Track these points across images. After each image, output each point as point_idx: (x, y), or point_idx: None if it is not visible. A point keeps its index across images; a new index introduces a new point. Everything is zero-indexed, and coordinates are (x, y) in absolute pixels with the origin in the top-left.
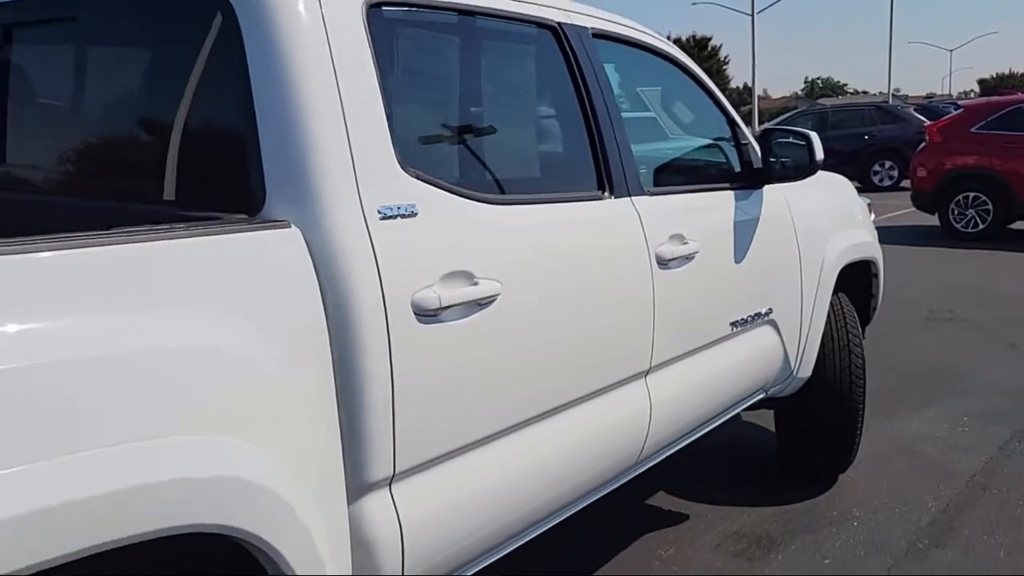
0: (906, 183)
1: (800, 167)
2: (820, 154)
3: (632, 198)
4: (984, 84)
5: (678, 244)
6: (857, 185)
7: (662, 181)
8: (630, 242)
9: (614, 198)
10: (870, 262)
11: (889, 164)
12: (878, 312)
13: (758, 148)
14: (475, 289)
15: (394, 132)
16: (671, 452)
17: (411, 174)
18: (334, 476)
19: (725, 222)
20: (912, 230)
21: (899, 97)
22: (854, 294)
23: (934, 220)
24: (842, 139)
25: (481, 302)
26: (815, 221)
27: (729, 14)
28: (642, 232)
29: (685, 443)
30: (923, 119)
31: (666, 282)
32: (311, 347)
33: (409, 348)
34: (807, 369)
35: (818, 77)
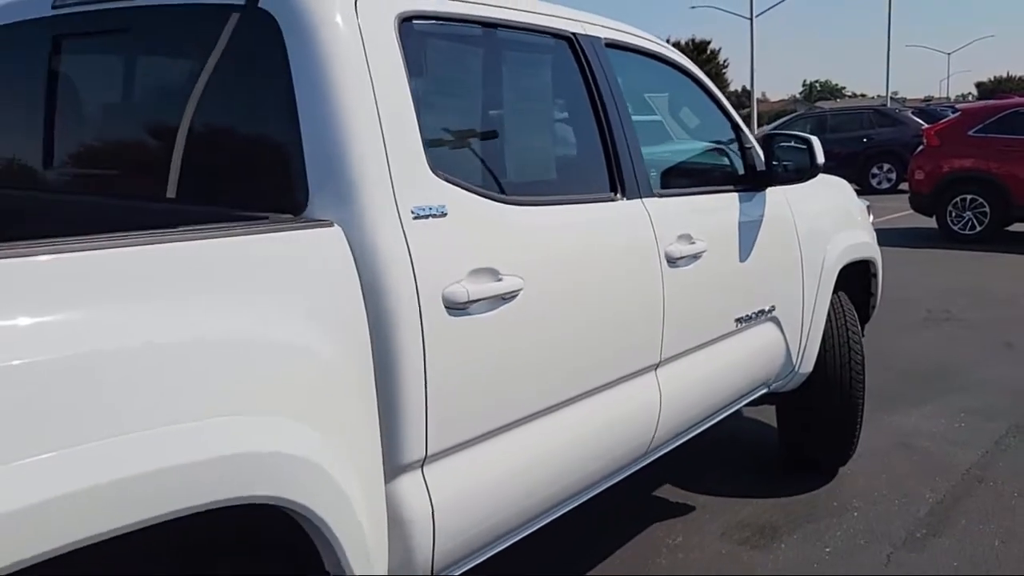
0: (904, 186)
1: (801, 170)
2: (821, 158)
3: (643, 199)
4: (982, 87)
5: (686, 243)
6: (856, 188)
7: (671, 183)
8: (641, 241)
9: (626, 199)
10: (869, 262)
11: (887, 167)
12: (877, 312)
13: (761, 152)
14: (499, 284)
15: (425, 137)
16: (679, 443)
17: (440, 177)
18: (374, 456)
19: (730, 223)
20: (910, 232)
21: (897, 100)
22: (854, 293)
23: (932, 222)
24: (841, 142)
25: (505, 297)
26: (816, 222)
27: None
28: (652, 232)
29: (692, 434)
30: (921, 122)
31: (675, 279)
32: (353, 336)
33: (440, 339)
34: (808, 365)
35: (816, 80)
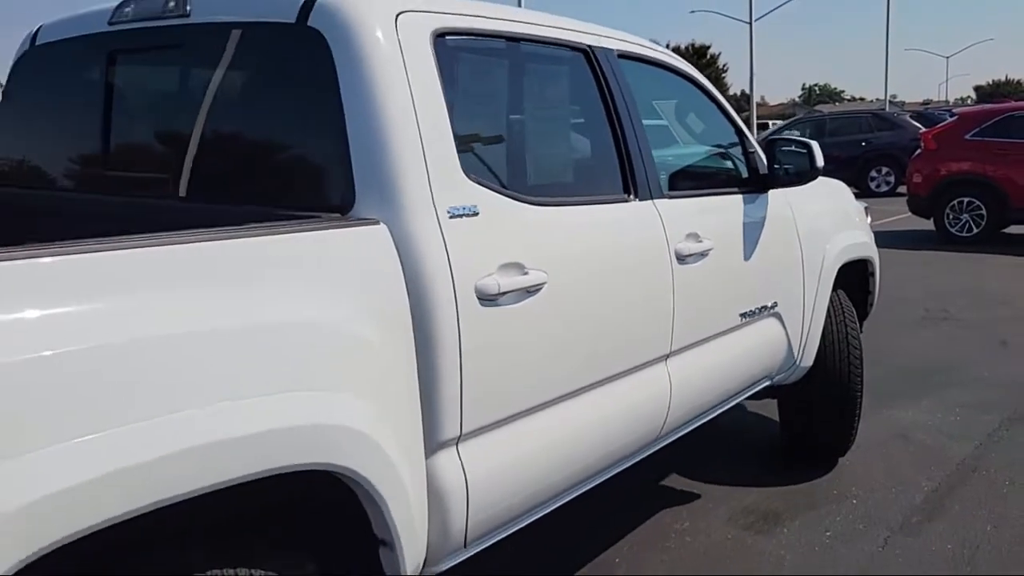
0: (902, 189)
1: (802, 173)
2: (820, 161)
3: (654, 200)
4: (980, 90)
5: (694, 242)
6: (855, 191)
7: (679, 185)
8: (652, 239)
9: (638, 200)
10: (867, 261)
11: (886, 170)
12: (877, 311)
13: (764, 156)
14: (526, 278)
15: (458, 143)
16: (688, 430)
17: (472, 179)
18: (416, 433)
19: (735, 223)
20: (908, 234)
21: (896, 104)
22: (852, 291)
23: (930, 225)
24: (840, 146)
25: (530, 289)
26: (816, 223)
27: (727, 22)
28: (663, 230)
29: (700, 422)
30: (919, 126)
31: (684, 275)
32: (397, 323)
33: (473, 327)
34: (809, 358)
35: (815, 84)
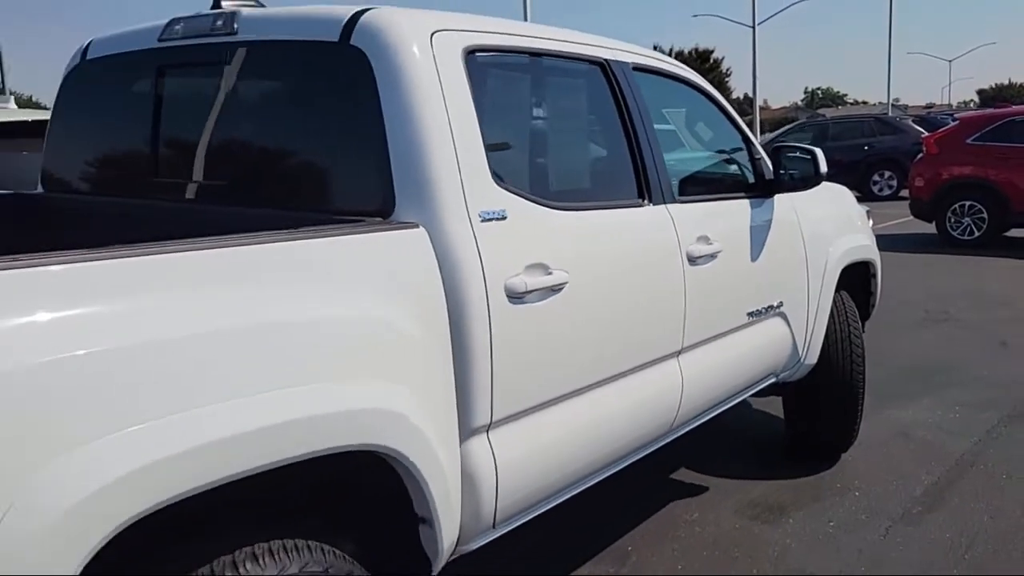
0: (905, 193)
1: (806, 178)
2: (824, 167)
3: (666, 205)
4: (983, 94)
5: (704, 244)
6: (857, 194)
7: (689, 190)
8: (665, 241)
9: (652, 205)
10: (869, 263)
11: (888, 174)
12: (879, 312)
13: (769, 162)
14: (550, 278)
15: (487, 151)
16: (698, 423)
17: (501, 186)
18: (451, 420)
19: (742, 226)
20: (911, 238)
21: (899, 107)
22: (855, 292)
23: (932, 228)
24: (842, 150)
25: (554, 288)
26: (820, 226)
27: (730, 26)
28: (675, 233)
29: (710, 416)
30: (921, 130)
31: (694, 276)
32: (435, 318)
33: (503, 323)
34: (813, 356)
35: (818, 87)
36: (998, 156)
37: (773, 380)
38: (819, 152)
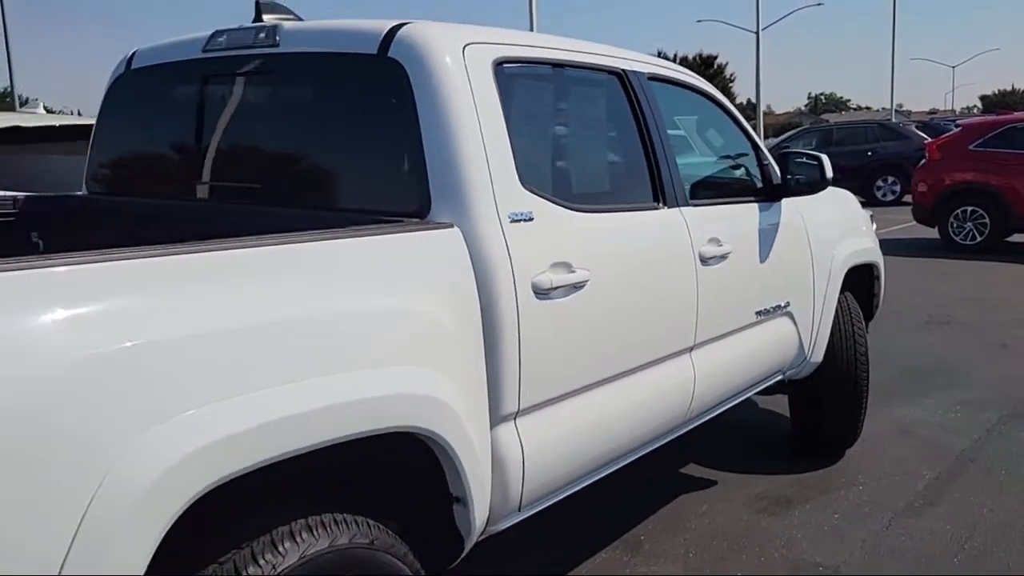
0: (908, 198)
1: (812, 183)
2: (830, 173)
3: (680, 208)
4: (987, 100)
5: (715, 245)
6: (861, 199)
7: (701, 194)
8: (679, 242)
9: (666, 208)
10: (872, 266)
11: (892, 179)
12: (881, 315)
13: (777, 167)
14: (573, 276)
15: (515, 156)
16: (709, 417)
17: (528, 189)
18: (483, 406)
19: (751, 228)
20: (913, 242)
21: (902, 113)
22: (859, 294)
23: (934, 233)
24: (846, 155)
25: (577, 286)
26: (825, 229)
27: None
28: (688, 235)
29: (720, 410)
30: (924, 136)
31: (706, 276)
32: (468, 312)
33: (530, 318)
34: (819, 355)
35: (822, 93)
36: (1000, 162)
37: (780, 377)
38: (825, 158)
